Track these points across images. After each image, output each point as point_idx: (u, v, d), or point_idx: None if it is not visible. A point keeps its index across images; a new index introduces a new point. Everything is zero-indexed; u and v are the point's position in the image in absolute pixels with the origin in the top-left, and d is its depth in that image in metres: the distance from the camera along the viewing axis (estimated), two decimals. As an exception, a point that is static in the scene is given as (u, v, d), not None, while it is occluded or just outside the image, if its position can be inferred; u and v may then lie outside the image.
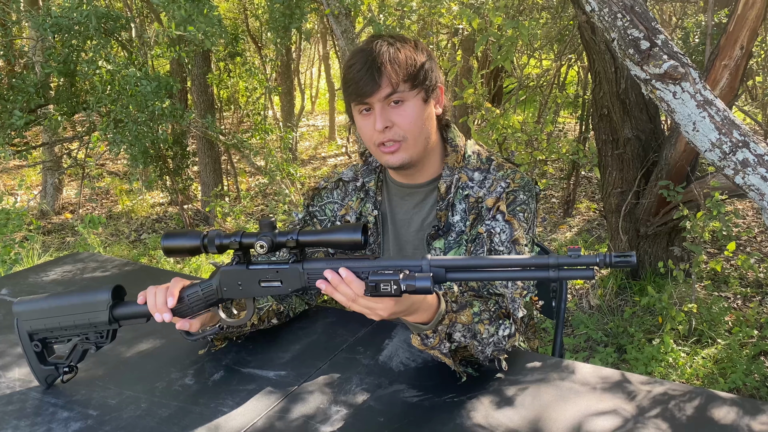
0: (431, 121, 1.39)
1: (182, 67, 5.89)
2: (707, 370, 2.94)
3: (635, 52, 1.77)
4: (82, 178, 6.91)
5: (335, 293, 1.05)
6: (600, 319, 3.55)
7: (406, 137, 1.34)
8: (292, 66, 8.79)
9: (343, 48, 3.53)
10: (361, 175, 1.53)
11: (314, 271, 1.07)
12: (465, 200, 1.40)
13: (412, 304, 1.09)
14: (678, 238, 3.79)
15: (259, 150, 5.26)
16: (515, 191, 1.36)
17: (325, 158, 8.86)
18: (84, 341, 1.22)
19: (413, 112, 1.33)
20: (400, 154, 1.36)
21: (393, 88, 1.30)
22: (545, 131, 4.65)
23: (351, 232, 1.03)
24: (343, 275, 1.03)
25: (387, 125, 1.33)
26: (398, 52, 1.31)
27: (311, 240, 1.06)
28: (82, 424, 1.14)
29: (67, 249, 5.47)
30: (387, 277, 0.99)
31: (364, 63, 1.30)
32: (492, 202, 1.36)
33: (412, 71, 1.31)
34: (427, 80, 1.34)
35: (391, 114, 1.33)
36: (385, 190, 1.51)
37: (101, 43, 3.78)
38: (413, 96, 1.33)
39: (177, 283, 1.19)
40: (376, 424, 1.12)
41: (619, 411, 1.13)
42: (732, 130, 1.74)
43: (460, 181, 1.41)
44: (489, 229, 1.33)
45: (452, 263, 1.01)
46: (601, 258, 0.92)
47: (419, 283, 0.98)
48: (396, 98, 1.32)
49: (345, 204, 1.52)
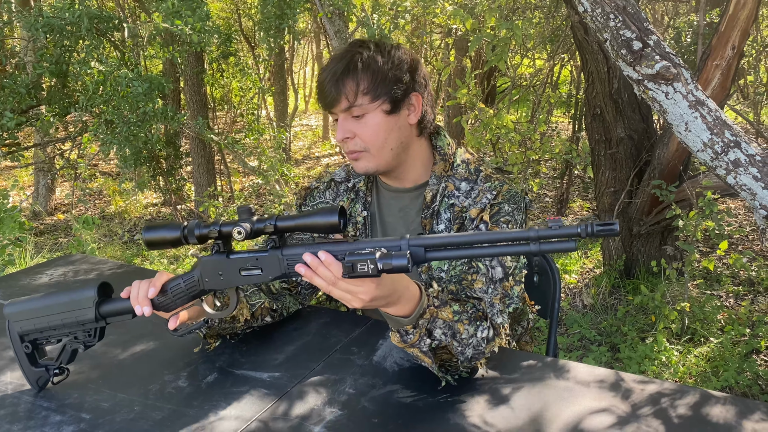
0: (401, 132, 1.37)
1: (175, 67, 5.87)
2: (700, 368, 2.96)
3: (627, 53, 1.78)
4: (75, 178, 6.87)
5: (315, 277, 1.04)
6: (593, 318, 3.57)
7: (367, 148, 1.35)
8: (285, 66, 8.78)
9: (336, 47, 3.53)
10: (353, 176, 1.53)
11: (293, 257, 1.07)
12: (450, 209, 1.39)
13: (394, 291, 1.07)
14: (671, 237, 3.81)
15: (252, 150, 5.25)
16: (501, 203, 1.36)
17: (318, 158, 8.86)
18: (73, 341, 1.22)
19: (374, 124, 1.33)
20: (363, 162, 1.37)
21: (350, 103, 1.31)
22: (538, 131, 4.66)
23: (328, 215, 1.02)
24: (322, 258, 1.02)
25: (347, 136, 1.34)
26: (366, 62, 1.31)
27: (289, 225, 1.05)
28: (75, 428, 1.14)
29: (60, 250, 5.45)
30: (363, 256, 0.98)
31: (328, 74, 1.32)
32: (476, 212, 1.36)
33: (371, 84, 1.31)
34: (392, 91, 1.32)
35: (352, 125, 1.34)
36: (375, 192, 1.51)
37: (93, 43, 3.76)
38: (374, 108, 1.32)
39: (161, 276, 1.19)
40: (371, 425, 1.12)
41: (613, 410, 1.13)
42: (724, 131, 1.75)
43: (446, 189, 1.40)
44: None
45: (432, 242, 0.99)
46: (582, 228, 0.89)
47: (396, 261, 0.96)
48: (356, 112, 1.32)
49: (336, 204, 1.52)
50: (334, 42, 3.56)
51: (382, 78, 1.31)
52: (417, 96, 1.37)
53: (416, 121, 1.39)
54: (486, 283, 1.27)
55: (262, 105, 8.00)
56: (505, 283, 1.29)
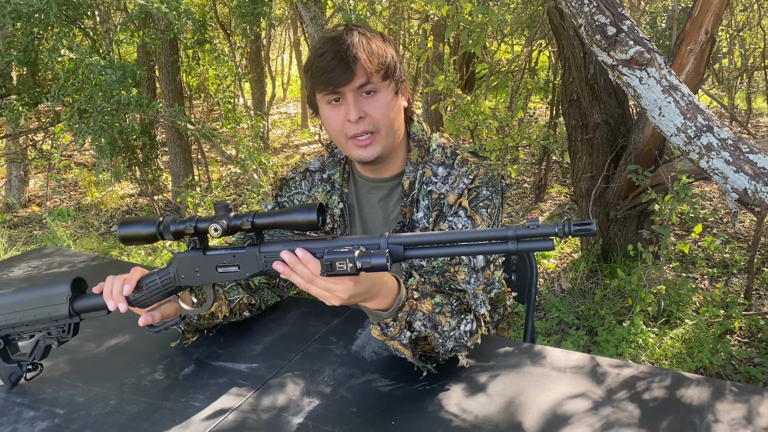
0: (399, 115, 1.37)
1: (149, 55, 5.77)
2: (675, 350, 3.01)
3: (602, 38, 1.79)
4: (49, 170, 6.76)
5: (292, 275, 1.03)
6: (571, 303, 3.61)
7: (379, 128, 1.32)
8: (262, 53, 8.68)
9: (312, 34, 3.49)
10: (328, 167, 1.50)
11: (271, 254, 1.06)
12: (428, 196, 1.38)
13: (372, 287, 1.07)
14: (647, 221, 3.86)
15: (229, 139, 5.19)
16: (478, 187, 1.35)
17: (297, 146, 8.80)
18: (46, 336, 1.20)
19: (386, 102, 1.31)
20: (374, 147, 1.33)
21: (367, 78, 1.28)
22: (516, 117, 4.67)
23: (306, 212, 1.01)
24: (300, 255, 1.01)
25: (362, 115, 1.30)
26: (370, 42, 1.29)
27: (267, 222, 1.04)
28: (49, 423, 1.12)
29: (34, 243, 5.36)
30: (342, 255, 0.97)
31: (337, 52, 1.26)
32: (454, 198, 1.35)
33: (384, 62, 1.29)
34: (395, 72, 1.33)
35: (363, 104, 1.30)
36: (352, 183, 1.50)
37: (63, 30, 3.67)
38: (386, 87, 1.31)
39: (135, 272, 1.17)
40: (349, 414, 1.12)
41: (589, 395, 1.14)
42: (696, 115, 1.77)
43: (424, 176, 1.39)
44: (451, 225, 1.32)
45: (410, 240, 0.99)
46: (560, 227, 0.89)
47: (375, 260, 0.96)
48: (369, 88, 1.29)
49: (311, 194, 1.51)
50: (309, 28, 3.52)
51: (390, 58, 1.31)
52: (406, 82, 1.39)
53: (406, 106, 1.40)
54: (468, 273, 1.27)
55: (239, 93, 7.92)
56: (486, 271, 1.29)
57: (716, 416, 1.07)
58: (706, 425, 1.05)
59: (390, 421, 1.09)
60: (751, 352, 2.99)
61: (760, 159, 1.74)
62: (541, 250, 0.94)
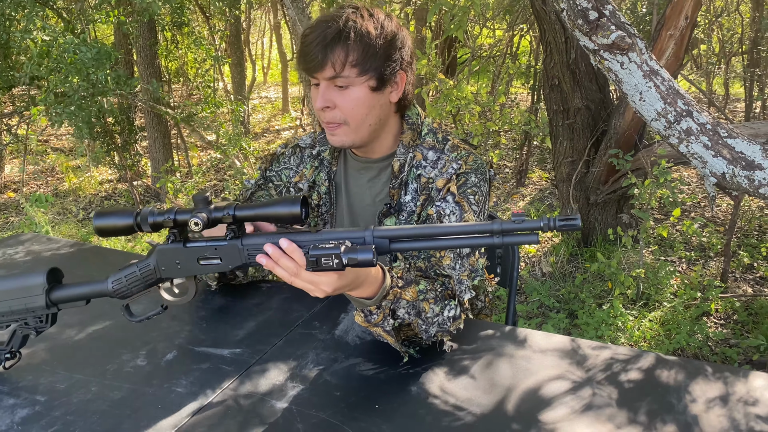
0: (382, 109, 1.34)
1: (127, 38, 5.67)
2: (654, 332, 3.06)
3: (584, 23, 1.79)
4: (25, 154, 6.63)
5: (276, 268, 1.02)
6: (552, 286, 3.64)
7: (347, 121, 1.31)
8: (242, 36, 8.57)
9: (293, 17, 3.46)
10: (318, 143, 1.50)
11: (254, 247, 1.04)
12: (417, 180, 1.38)
13: (356, 278, 1.07)
14: (627, 206, 3.90)
15: (209, 124, 5.13)
16: (467, 173, 1.35)
17: (278, 131, 8.74)
18: (23, 326, 1.18)
19: (357, 98, 1.28)
20: (340, 137, 1.33)
21: (336, 72, 1.25)
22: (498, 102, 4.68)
23: (289, 205, 0.99)
24: (284, 246, 1.00)
25: (328, 105, 1.29)
26: (359, 32, 1.24)
27: (248, 215, 1.02)
28: (30, 411, 1.11)
29: (11, 229, 5.27)
30: (328, 251, 0.96)
31: (317, 36, 1.24)
32: (442, 183, 1.35)
33: (361, 58, 1.25)
34: (381, 68, 1.28)
35: (334, 95, 1.28)
36: (342, 161, 1.49)
37: (35, 11, 3.58)
38: (360, 83, 1.27)
39: None
40: (333, 398, 1.12)
41: (570, 376, 1.16)
42: (677, 100, 1.79)
43: (414, 159, 1.39)
44: (438, 210, 1.32)
45: (396, 233, 1.00)
46: (545, 222, 0.91)
47: (361, 256, 0.96)
48: (340, 83, 1.27)
49: (299, 171, 1.50)
50: (290, 11, 3.48)
51: (373, 53, 1.26)
52: (402, 74, 1.33)
53: (397, 99, 1.35)
54: (454, 259, 1.27)
55: (219, 77, 7.82)
56: (471, 257, 1.30)
57: (693, 396, 1.09)
58: (683, 405, 1.07)
59: (374, 404, 1.10)
60: (727, 333, 3.05)
61: (737, 144, 1.76)
62: (526, 243, 0.96)
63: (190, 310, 1.45)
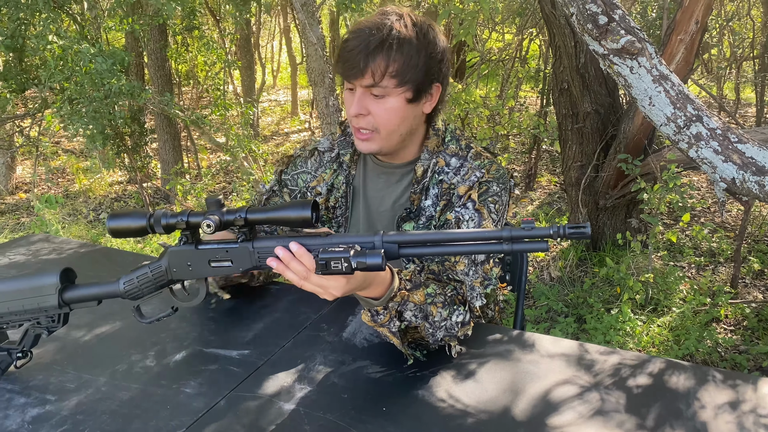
0: (414, 120, 1.34)
1: (138, 42, 5.71)
2: (663, 337, 3.04)
3: (593, 27, 1.79)
4: (36, 156, 6.69)
5: (287, 271, 1.03)
6: (560, 291, 3.63)
7: (379, 129, 1.31)
8: (252, 40, 8.61)
9: (303, 22, 3.47)
10: (338, 146, 1.49)
11: (264, 250, 1.05)
12: (439, 185, 1.38)
13: (364, 280, 1.07)
14: (636, 210, 3.89)
15: (219, 126, 5.16)
16: (489, 182, 1.35)
17: (288, 134, 8.76)
18: (35, 326, 1.19)
19: (392, 108, 1.28)
20: (370, 144, 1.33)
21: (374, 82, 1.25)
22: (507, 106, 4.68)
23: (300, 209, 1.00)
24: (294, 249, 1.01)
25: (362, 112, 1.29)
26: (401, 43, 1.23)
27: (259, 218, 1.03)
28: (40, 410, 1.12)
29: (22, 230, 5.32)
30: (337, 254, 0.97)
31: (359, 43, 1.23)
32: (464, 190, 1.35)
33: (401, 69, 1.24)
34: (419, 80, 1.27)
35: (369, 103, 1.28)
36: (361, 165, 1.49)
37: (51, 16, 3.63)
38: (397, 93, 1.27)
39: None
40: (340, 401, 1.12)
41: (578, 381, 1.16)
42: (686, 105, 1.78)
43: (437, 165, 1.39)
44: (458, 216, 1.32)
45: (405, 238, 1.00)
46: (555, 230, 0.91)
47: (370, 260, 0.96)
48: (377, 92, 1.27)
49: (318, 175, 1.50)
50: (300, 15, 3.49)
51: (413, 65, 1.25)
52: (438, 86, 1.33)
53: (430, 110, 1.36)
54: (468, 265, 1.27)
55: (229, 80, 7.86)
56: (485, 266, 1.30)
57: (702, 402, 1.09)
58: (692, 411, 1.07)
59: (381, 406, 1.10)
60: (737, 339, 3.03)
61: (748, 149, 1.75)
62: (535, 251, 0.96)
63: (199, 312, 1.46)
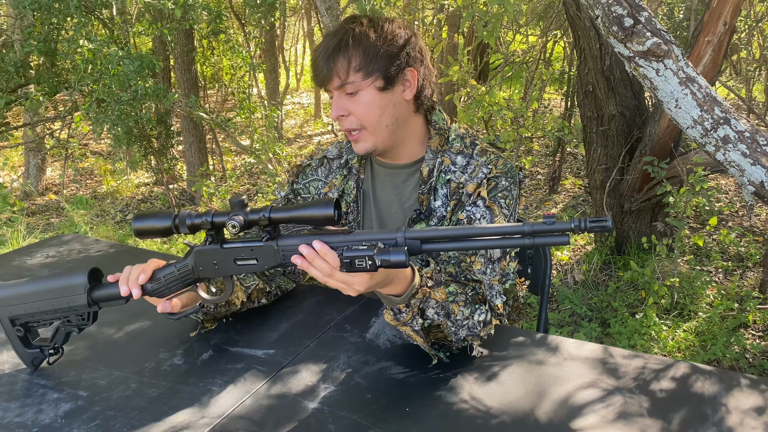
0: (396, 108, 1.35)
1: (165, 45, 5.80)
2: (688, 342, 3.00)
3: (619, 29, 1.78)
4: (66, 158, 6.83)
5: (311, 268, 1.04)
6: (584, 294, 3.60)
7: (363, 126, 1.34)
8: (276, 43, 8.69)
9: (328, 24, 3.50)
10: (345, 152, 1.52)
11: (289, 248, 1.07)
12: (447, 185, 1.39)
13: (387, 276, 1.09)
14: (661, 214, 3.84)
15: (244, 129, 5.22)
16: (497, 177, 1.36)
17: (311, 136, 8.82)
18: (66, 324, 1.23)
19: (367, 101, 1.31)
20: (362, 143, 1.36)
21: (341, 80, 1.29)
22: (531, 108, 4.65)
23: (323, 207, 1.02)
24: (318, 248, 1.03)
25: (342, 114, 1.33)
26: (357, 38, 1.29)
27: (283, 217, 1.05)
28: (72, 405, 1.15)
29: (51, 230, 5.43)
30: (361, 252, 0.99)
31: (320, 52, 1.31)
32: (473, 188, 1.35)
33: (363, 61, 1.29)
34: (386, 67, 1.30)
35: (347, 103, 1.32)
36: (369, 169, 1.51)
37: (82, 21, 3.71)
38: (367, 85, 1.30)
39: (152, 262, 1.19)
40: (364, 401, 1.14)
41: (602, 385, 1.15)
42: (714, 107, 1.76)
43: (442, 164, 1.40)
44: (469, 215, 1.33)
45: (427, 234, 1.01)
46: (575, 223, 0.91)
47: (394, 257, 0.97)
48: (348, 90, 1.31)
49: (329, 182, 1.52)
50: (325, 18, 3.52)
51: (374, 54, 1.29)
52: (412, 71, 1.35)
53: (412, 96, 1.37)
54: (485, 263, 1.28)
55: (253, 83, 7.94)
56: (502, 262, 1.30)
57: (728, 407, 1.08)
58: (718, 416, 1.06)
59: (404, 407, 1.11)
60: (766, 345, 2.98)
61: (777, 152, 1.72)
62: (556, 245, 0.96)
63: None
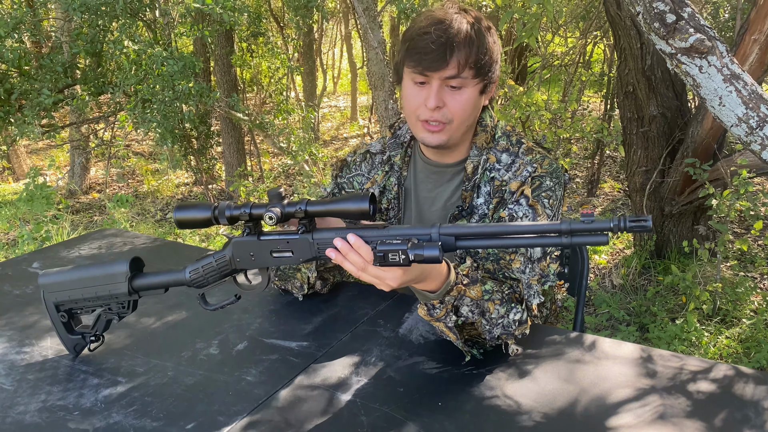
0: (477, 111, 1.37)
1: (205, 48, 5.92)
2: (731, 349, 2.92)
3: (661, 26, 1.75)
4: (109, 158, 7.01)
5: (345, 262, 1.05)
6: (623, 299, 3.54)
7: (452, 120, 1.32)
8: (314, 46, 8.77)
9: (365, 26, 3.51)
10: (388, 149, 1.51)
11: (324, 241, 1.08)
12: (490, 183, 1.38)
13: (421, 272, 1.08)
14: (703, 217, 3.74)
15: (282, 130, 5.28)
16: (542, 176, 1.34)
17: (346, 139, 8.87)
18: (107, 311, 1.26)
19: (467, 99, 1.31)
20: (441, 135, 1.34)
21: (457, 72, 1.27)
22: (569, 109, 4.59)
23: (358, 201, 1.02)
24: (352, 241, 1.03)
25: (439, 105, 1.30)
26: (475, 35, 1.27)
27: (319, 210, 1.06)
28: (112, 390, 1.18)
29: (94, 227, 5.58)
30: (395, 246, 0.98)
31: (439, 36, 1.25)
32: (516, 185, 1.34)
33: (481, 60, 1.28)
34: (490, 72, 1.31)
35: (446, 95, 1.30)
36: (412, 166, 1.50)
37: (127, 23, 3.81)
38: (473, 84, 1.30)
39: None
40: (396, 394, 1.14)
41: (638, 384, 1.13)
42: (760, 105, 1.71)
43: (488, 162, 1.39)
44: (511, 212, 1.31)
45: (462, 231, 1.00)
46: (615, 222, 0.88)
47: (427, 252, 0.97)
48: (455, 83, 1.29)
49: (371, 177, 1.52)
50: (362, 20, 3.54)
51: (489, 56, 1.29)
52: (495, 83, 1.38)
53: (486, 103, 1.39)
54: (524, 262, 1.26)
55: (291, 86, 8.02)
56: (542, 262, 1.28)
57: (772, 411, 1.05)
58: (761, 419, 1.03)
59: (437, 402, 1.11)
60: (813, 354, 2.87)
61: (826, 151, 1.67)
62: (594, 244, 0.94)
63: (260, 304, 1.50)
